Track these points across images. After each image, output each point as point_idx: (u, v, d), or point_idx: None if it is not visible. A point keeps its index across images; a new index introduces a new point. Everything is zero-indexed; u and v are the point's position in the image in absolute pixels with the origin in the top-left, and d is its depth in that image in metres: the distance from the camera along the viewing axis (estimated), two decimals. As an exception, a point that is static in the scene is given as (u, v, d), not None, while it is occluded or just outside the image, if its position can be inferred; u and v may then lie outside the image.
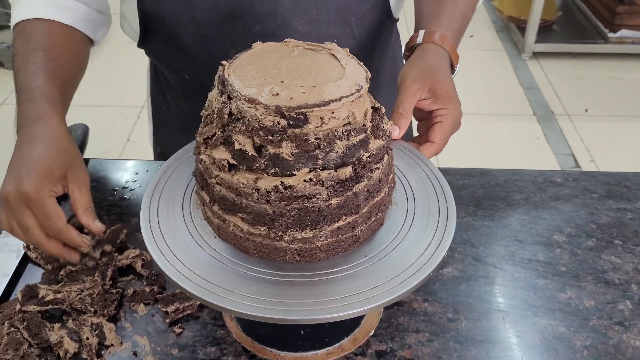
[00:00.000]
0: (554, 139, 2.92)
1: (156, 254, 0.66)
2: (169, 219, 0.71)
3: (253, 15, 0.92)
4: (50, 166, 0.76)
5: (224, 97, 0.63)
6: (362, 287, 0.62)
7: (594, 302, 0.84)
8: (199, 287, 0.62)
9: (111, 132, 2.87)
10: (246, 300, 0.61)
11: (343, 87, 0.62)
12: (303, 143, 0.61)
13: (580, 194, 1.03)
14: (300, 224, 0.64)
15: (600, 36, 3.60)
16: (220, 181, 0.65)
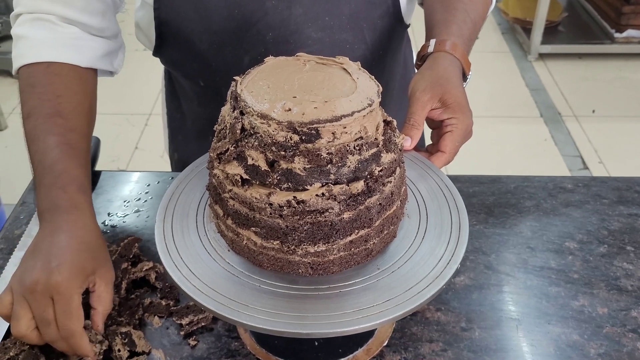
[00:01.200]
0: (561, 141, 2.92)
1: (171, 267, 0.66)
2: (183, 232, 0.71)
3: (266, 22, 0.93)
4: (83, 260, 0.72)
5: (237, 113, 0.64)
6: (375, 300, 0.63)
7: (607, 310, 0.84)
8: (214, 301, 0.63)
9: (119, 140, 2.89)
10: (260, 314, 0.61)
11: (355, 102, 0.63)
12: (315, 158, 0.61)
13: (591, 200, 1.03)
14: (313, 238, 0.64)
15: (607, 36, 3.60)
16: (233, 196, 0.66)
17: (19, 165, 2.58)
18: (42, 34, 0.88)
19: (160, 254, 0.68)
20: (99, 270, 0.74)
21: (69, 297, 0.69)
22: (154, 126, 3.03)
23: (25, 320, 0.69)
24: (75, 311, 0.70)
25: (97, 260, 0.74)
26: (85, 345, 0.71)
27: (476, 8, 0.95)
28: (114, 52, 0.98)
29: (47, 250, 0.72)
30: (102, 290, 0.74)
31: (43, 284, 0.68)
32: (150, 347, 0.78)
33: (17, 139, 3.15)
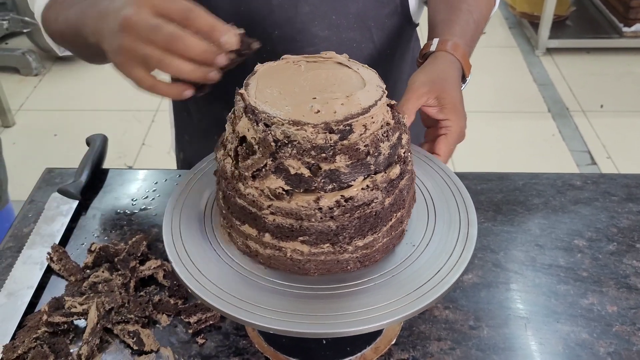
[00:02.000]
0: (569, 136, 2.90)
1: (179, 266, 0.66)
2: (190, 231, 0.71)
3: (273, 20, 0.93)
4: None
5: (261, 126, 0.61)
6: (384, 300, 0.63)
7: (616, 308, 0.84)
8: (221, 300, 0.63)
9: (126, 137, 2.90)
10: (268, 313, 0.61)
11: (372, 92, 0.65)
12: (355, 153, 0.62)
13: (600, 197, 1.02)
14: (362, 232, 0.66)
15: (615, 31, 3.57)
16: (275, 210, 0.64)
17: (27, 162, 2.59)
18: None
19: (168, 252, 0.68)
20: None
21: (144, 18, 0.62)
22: (161, 122, 3.04)
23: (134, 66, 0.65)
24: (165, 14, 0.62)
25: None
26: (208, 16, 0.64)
27: (480, 9, 0.95)
28: None
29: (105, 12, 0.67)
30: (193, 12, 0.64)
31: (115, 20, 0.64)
32: (158, 346, 0.78)
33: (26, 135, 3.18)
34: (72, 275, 0.87)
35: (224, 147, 0.68)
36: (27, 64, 3.40)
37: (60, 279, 0.88)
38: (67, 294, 0.84)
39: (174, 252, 0.68)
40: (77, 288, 0.85)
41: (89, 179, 1.04)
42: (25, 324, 0.81)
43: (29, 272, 0.88)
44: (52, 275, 0.89)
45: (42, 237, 0.94)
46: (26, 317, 0.82)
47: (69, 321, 0.79)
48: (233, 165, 0.66)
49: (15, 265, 0.89)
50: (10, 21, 3.47)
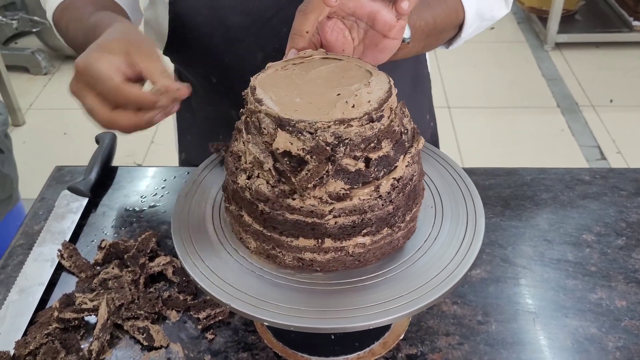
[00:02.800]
0: (578, 131, 2.89)
1: (187, 262, 0.67)
2: (199, 227, 0.72)
3: (281, 17, 0.93)
4: (105, 40, 0.68)
5: (305, 135, 0.60)
6: (392, 295, 0.63)
7: (625, 303, 0.83)
8: (230, 296, 0.63)
9: (135, 135, 2.89)
10: (277, 309, 0.62)
11: (383, 80, 0.66)
12: (394, 135, 0.64)
13: (609, 192, 1.02)
14: (409, 206, 0.68)
15: (625, 25, 3.54)
16: (338, 212, 0.63)
17: (37, 160, 2.61)
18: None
19: (177, 249, 0.69)
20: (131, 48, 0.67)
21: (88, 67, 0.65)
22: (169, 121, 3.04)
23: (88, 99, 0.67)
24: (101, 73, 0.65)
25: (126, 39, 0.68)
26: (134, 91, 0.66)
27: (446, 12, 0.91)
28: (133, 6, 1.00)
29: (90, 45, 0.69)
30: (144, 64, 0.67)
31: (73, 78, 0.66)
32: (168, 341, 0.79)
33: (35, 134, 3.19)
34: (82, 272, 0.88)
35: (245, 172, 0.66)
36: (37, 63, 3.42)
37: (70, 275, 0.89)
38: (78, 290, 0.85)
39: (182, 249, 0.68)
40: (88, 284, 0.86)
41: (98, 177, 1.05)
42: (36, 320, 0.81)
43: (40, 269, 0.89)
44: (63, 272, 0.90)
45: (52, 235, 0.95)
46: (37, 314, 0.83)
47: (80, 317, 0.80)
48: (273, 185, 0.63)
49: (26, 262, 0.90)
50: (20, 21, 3.50)
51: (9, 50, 3.49)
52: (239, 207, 0.69)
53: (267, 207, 0.65)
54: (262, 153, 0.63)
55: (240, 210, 0.68)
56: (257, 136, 0.64)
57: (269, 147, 0.62)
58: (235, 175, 0.67)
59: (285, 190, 0.63)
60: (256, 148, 0.64)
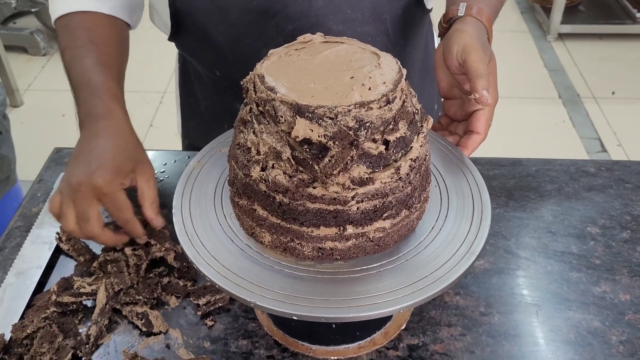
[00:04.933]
0: (579, 123, 2.88)
1: (188, 247, 0.66)
2: (200, 213, 0.71)
3: (286, 14, 0.91)
4: (121, 161, 0.78)
5: (326, 121, 0.58)
6: (395, 285, 0.62)
7: (629, 296, 0.83)
8: (231, 282, 0.62)
9: (134, 118, 2.86)
10: (278, 296, 0.61)
11: (392, 62, 0.66)
12: (408, 115, 0.64)
13: (614, 184, 1.01)
14: (424, 186, 0.69)
15: (628, 16, 3.52)
16: (361, 197, 0.62)
17: (35, 142, 2.59)
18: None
19: (178, 234, 0.68)
20: (137, 168, 0.81)
21: (113, 194, 0.77)
22: (169, 104, 3.03)
23: (72, 217, 0.77)
24: (123, 204, 0.78)
25: (134, 160, 0.81)
26: (138, 227, 0.81)
27: None
28: (133, 8, 0.99)
29: (88, 154, 0.79)
30: (143, 187, 0.81)
31: (86, 185, 0.76)
32: (167, 327, 0.78)
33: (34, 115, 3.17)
34: (80, 256, 0.86)
35: (259, 164, 0.64)
36: (35, 44, 3.39)
37: (69, 259, 0.88)
38: (76, 274, 0.84)
39: (183, 234, 0.67)
40: (86, 268, 0.85)
41: (97, 159, 1.03)
42: (33, 304, 0.80)
43: (38, 252, 0.88)
44: (61, 255, 0.89)
45: (50, 217, 0.93)
46: (35, 297, 0.82)
47: (78, 301, 0.79)
48: (291, 174, 0.62)
49: (24, 244, 0.89)
50: (19, 1, 3.47)
51: (8, 30, 3.46)
52: (251, 201, 0.67)
53: (286, 198, 0.63)
54: (278, 142, 0.61)
55: (253, 204, 0.67)
56: (271, 125, 0.62)
57: (286, 136, 0.61)
58: (247, 168, 0.65)
59: (305, 179, 0.61)
60: (271, 138, 0.62)
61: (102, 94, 0.84)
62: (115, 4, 0.95)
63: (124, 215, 0.79)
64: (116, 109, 0.83)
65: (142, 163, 0.82)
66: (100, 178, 0.76)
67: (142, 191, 0.81)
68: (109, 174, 0.76)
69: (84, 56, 0.87)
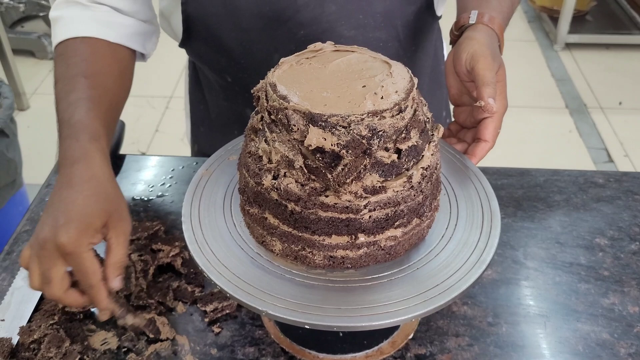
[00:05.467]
0: (586, 133, 2.87)
1: (197, 253, 0.66)
2: (209, 219, 0.71)
3: (298, 20, 0.91)
4: (90, 216, 0.68)
5: (339, 130, 0.58)
6: (403, 295, 0.62)
7: (638, 309, 0.82)
8: (239, 289, 0.62)
9: (140, 123, 2.90)
10: (286, 304, 0.61)
11: (400, 67, 0.67)
12: (419, 124, 0.64)
13: (623, 196, 1.01)
14: (434, 195, 0.69)
15: (636, 27, 3.52)
16: (373, 206, 0.62)
17: (42, 145, 2.60)
18: (74, 13, 0.88)
19: (188, 242, 0.67)
20: (110, 222, 0.70)
21: (79, 255, 0.67)
22: (175, 109, 3.03)
23: (37, 275, 0.69)
24: (89, 267, 0.68)
25: (108, 212, 0.70)
26: (103, 297, 0.69)
27: None
28: (147, 35, 0.95)
29: (57, 206, 0.69)
30: (112, 242, 0.70)
31: (51, 243, 0.67)
32: (174, 334, 0.78)
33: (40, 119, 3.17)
34: (88, 261, 0.86)
35: (271, 172, 0.64)
36: (43, 48, 3.40)
37: (76, 263, 0.88)
38: (84, 279, 0.84)
39: (193, 242, 0.67)
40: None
41: (106, 164, 1.04)
42: (41, 308, 0.80)
43: (46, 256, 0.88)
44: (69, 259, 0.89)
45: (58, 221, 0.94)
46: (42, 301, 0.82)
47: (86, 309, 0.79)
48: (303, 183, 0.62)
49: (31, 248, 0.89)
50: (27, 4, 3.49)
51: (16, 34, 3.47)
52: (262, 210, 0.67)
53: (298, 207, 0.63)
54: (290, 151, 0.61)
55: (264, 213, 0.66)
56: (283, 134, 0.62)
57: (298, 145, 0.61)
58: (259, 176, 0.65)
59: (317, 187, 0.61)
60: (283, 146, 0.62)
61: (79, 134, 0.75)
62: (125, 32, 0.90)
63: (88, 280, 0.68)
64: (92, 152, 0.73)
65: (117, 215, 0.71)
66: (65, 236, 0.66)
67: (110, 247, 0.70)
68: (75, 231, 0.67)
69: (71, 90, 0.80)
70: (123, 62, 0.91)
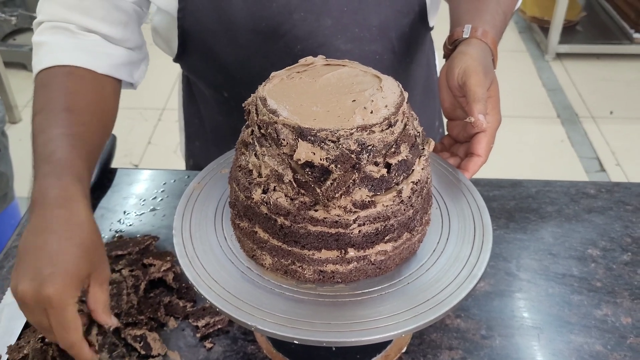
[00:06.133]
0: (578, 142, 2.88)
1: (188, 269, 0.65)
2: (201, 234, 0.70)
3: (294, 35, 0.91)
4: (77, 267, 0.64)
5: (328, 144, 0.58)
6: (395, 309, 0.61)
7: (630, 320, 0.82)
8: (230, 305, 0.61)
9: (132, 135, 2.89)
10: (277, 319, 0.60)
11: (390, 81, 0.67)
12: (409, 138, 0.64)
13: (614, 206, 1.01)
14: (425, 209, 0.68)
15: (626, 37, 3.55)
16: (363, 221, 0.62)
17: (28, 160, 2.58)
18: (60, 40, 0.85)
19: (179, 255, 0.67)
20: (93, 272, 0.67)
21: (63, 309, 0.62)
22: (167, 121, 3.03)
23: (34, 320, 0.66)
24: (71, 322, 0.63)
25: (92, 263, 0.66)
26: (85, 354, 0.66)
27: (506, 0, 0.92)
28: (135, 63, 0.94)
29: (37, 253, 0.64)
30: (96, 290, 0.67)
31: (33, 295, 0.62)
32: (166, 350, 0.77)
33: (32, 132, 3.09)
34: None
35: (261, 186, 0.63)
36: (35, 61, 3.39)
37: (67, 279, 0.87)
38: (74, 294, 0.83)
39: (184, 255, 0.67)
40: (84, 289, 0.84)
41: (97, 178, 1.03)
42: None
43: (36, 272, 0.87)
44: (59, 275, 0.88)
45: (49, 236, 0.93)
46: (32, 318, 0.81)
47: None
48: (293, 197, 0.61)
49: (22, 264, 0.88)
50: (19, 17, 3.48)
51: (7, 47, 3.47)
52: (252, 224, 0.66)
53: (288, 221, 0.62)
54: (280, 165, 0.61)
55: (254, 227, 0.66)
56: (273, 148, 0.61)
57: (287, 159, 0.60)
58: (249, 190, 0.64)
59: (306, 202, 0.61)
60: (273, 160, 0.62)
61: (62, 174, 0.70)
62: (113, 62, 0.87)
63: (70, 338, 0.64)
64: (76, 195, 0.69)
65: (99, 265, 0.68)
66: (52, 288, 0.61)
67: (95, 296, 0.67)
68: (62, 282, 0.62)
69: (53, 124, 0.75)
70: (110, 94, 0.88)
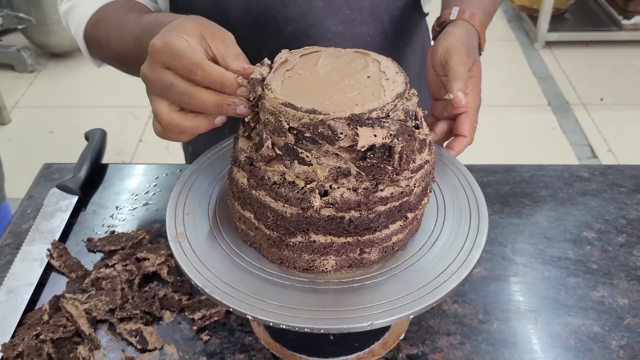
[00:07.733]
0: (569, 129, 2.89)
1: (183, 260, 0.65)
2: (194, 225, 0.70)
3: (286, 16, 0.91)
4: (177, 24, 0.63)
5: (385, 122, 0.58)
6: (392, 295, 0.61)
7: (627, 300, 0.82)
8: (226, 295, 0.61)
9: (123, 133, 2.87)
10: (274, 308, 0.60)
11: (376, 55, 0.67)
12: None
13: (608, 189, 1.01)
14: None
15: (614, 23, 3.56)
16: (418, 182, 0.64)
17: (23, 159, 2.56)
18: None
19: (172, 247, 0.66)
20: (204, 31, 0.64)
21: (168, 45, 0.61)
22: (159, 118, 3.01)
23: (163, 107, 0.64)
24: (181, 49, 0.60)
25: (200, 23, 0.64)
26: (217, 70, 0.61)
27: None
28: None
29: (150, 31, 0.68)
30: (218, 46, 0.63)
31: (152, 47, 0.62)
32: (162, 343, 0.76)
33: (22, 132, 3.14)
34: (72, 272, 0.85)
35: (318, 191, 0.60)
36: (22, 61, 3.37)
37: (60, 275, 0.87)
38: (68, 291, 0.83)
39: (177, 247, 0.66)
40: (78, 285, 0.83)
41: (88, 174, 1.02)
42: (25, 322, 0.79)
43: (29, 269, 0.86)
44: (52, 272, 0.87)
45: (41, 234, 0.92)
46: (26, 315, 0.80)
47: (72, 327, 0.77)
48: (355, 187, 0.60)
49: (14, 262, 0.88)
50: (5, 18, 3.44)
51: (-6, 48, 3.44)
52: (307, 235, 0.63)
53: (358, 212, 0.61)
54: (340, 160, 0.59)
55: (311, 236, 0.63)
56: (325, 146, 0.58)
57: (344, 152, 0.58)
58: (305, 201, 0.60)
59: (368, 187, 0.60)
60: (330, 159, 0.59)
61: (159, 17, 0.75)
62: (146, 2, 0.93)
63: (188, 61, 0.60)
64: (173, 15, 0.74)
65: (210, 26, 0.65)
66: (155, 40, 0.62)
67: (219, 50, 0.63)
68: (161, 34, 0.62)
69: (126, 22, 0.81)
70: None
